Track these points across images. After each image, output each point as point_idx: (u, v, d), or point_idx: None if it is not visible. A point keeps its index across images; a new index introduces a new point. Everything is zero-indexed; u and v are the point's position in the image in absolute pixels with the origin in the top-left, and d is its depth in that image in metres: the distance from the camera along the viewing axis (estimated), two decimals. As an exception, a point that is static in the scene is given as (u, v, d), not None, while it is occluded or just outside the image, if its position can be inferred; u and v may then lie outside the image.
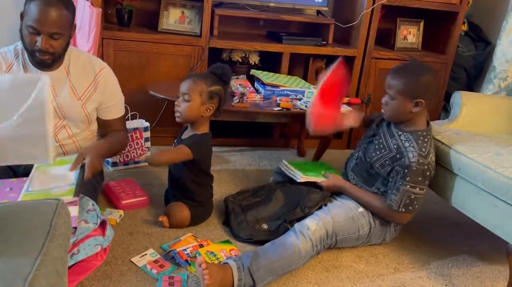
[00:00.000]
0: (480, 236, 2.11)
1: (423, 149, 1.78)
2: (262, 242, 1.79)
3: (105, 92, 1.81)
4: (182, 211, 1.90)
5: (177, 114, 1.88)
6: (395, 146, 1.83)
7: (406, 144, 1.80)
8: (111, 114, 1.88)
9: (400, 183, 1.77)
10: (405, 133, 1.84)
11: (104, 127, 1.90)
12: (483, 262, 1.98)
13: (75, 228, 1.50)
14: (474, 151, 1.83)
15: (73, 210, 1.50)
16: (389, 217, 1.86)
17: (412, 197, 1.77)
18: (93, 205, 1.62)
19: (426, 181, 1.79)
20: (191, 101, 1.84)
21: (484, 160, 1.75)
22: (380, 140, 1.90)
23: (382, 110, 1.91)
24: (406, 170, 1.76)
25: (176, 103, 1.88)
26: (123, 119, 1.95)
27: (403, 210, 1.78)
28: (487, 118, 2.24)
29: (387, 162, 1.83)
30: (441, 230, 2.21)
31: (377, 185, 1.89)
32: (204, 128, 1.93)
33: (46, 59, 1.63)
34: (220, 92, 1.88)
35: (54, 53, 1.63)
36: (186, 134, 1.96)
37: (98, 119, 1.88)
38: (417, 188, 1.77)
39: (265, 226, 1.91)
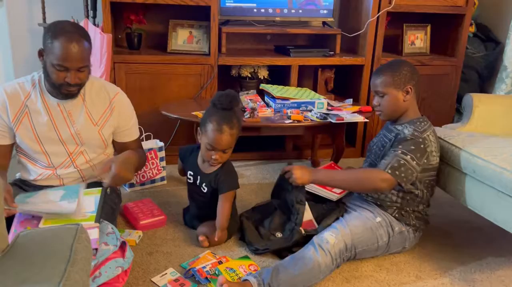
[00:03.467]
0: (502, 238, 2.07)
1: (419, 127, 1.83)
2: (280, 255, 1.80)
3: (120, 116, 1.86)
4: (225, 237, 1.95)
5: (214, 163, 1.88)
6: (394, 135, 1.88)
7: (403, 129, 1.86)
8: (128, 137, 1.93)
9: (392, 151, 1.79)
10: (402, 125, 1.89)
11: (121, 150, 1.93)
12: (507, 265, 1.94)
13: (96, 249, 1.52)
14: (489, 152, 1.81)
15: (94, 233, 1.53)
16: (372, 180, 1.76)
17: (401, 162, 1.75)
18: (112, 228, 1.65)
19: (419, 154, 1.77)
20: (229, 151, 1.89)
21: (500, 162, 1.73)
22: (383, 139, 1.94)
23: (377, 113, 1.95)
24: (400, 141, 1.80)
25: (214, 157, 1.85)
26: (138, 140, 2.00)
27: (389, 171, 1.74)
28: (501, 118, 2.21)
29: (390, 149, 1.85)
30: (462, 234, 2.18)
31: None
32: None
33: (73, 91, 1.69)
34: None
35: (81, 84, 1.70)
36: (206, 167, 1.94)
37: (114, 142, 1.92)
38: (408, 156, 1.76)
39: (279, 235, 1.93)
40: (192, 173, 1.99)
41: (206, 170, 1.94)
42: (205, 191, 1.95)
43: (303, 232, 1.85)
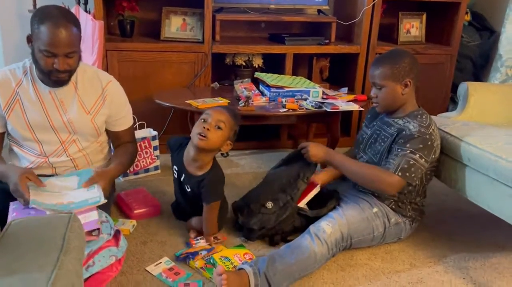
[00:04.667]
0: (495, 226, 2.08)
1: (424, 122, 1.79)
2: (273, 241, 1.82)
3: (113, 105, 1.83)
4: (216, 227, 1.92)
5: (202, 138, 1.75)
6: (396, 130, 1.83)
7: (406, 124, 1.81)
8: (121, 126, 1.90)
9: (399, 149, 1.75)
10: (401, 118, 1.85)
11: (114, 139, 1.92)
12: (501, 253, 1.95)
13: (99, 229, 1.51)
14: (484, 141, 1.81)
15: (93, 214, 1.52)
16: (381, 182, 1.74)
17: (411, 162, 1.72)
18: (106, 217, 1.63)
19: (427, 151, 1.74)
20: (222, 131, 1.78)
21: (495, 150, 1.73)
22: (381, 134, 1.90)
23: (374, 104, 1.92)
24: (407, 139, 1.75)
25: (205, 126, 1.75)
26: (132, 129, 1.97)
27: (399, 174, 1.71)
28: (496, 107, 2.21)
29: (393, 145, 1.82)
30: (456, 222, 2.19)
31: None
32: (210, 163, 1.85)
33: (63, 77, 1.66)
34: (236, 133, 1.86)
35: (71, 70, 1.66)
36: (192, 168, 1.84)
37: (107, 131, 1.90)
38: (417, 155, 1.72)
39: (270, 205, 1.87)
40: (177, 169, 1.91)
41: (192, 171, 1.84)
42: (188, 190, 1.88)
43: (296, 207, 1.85)
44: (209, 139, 1.76)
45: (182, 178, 1.89)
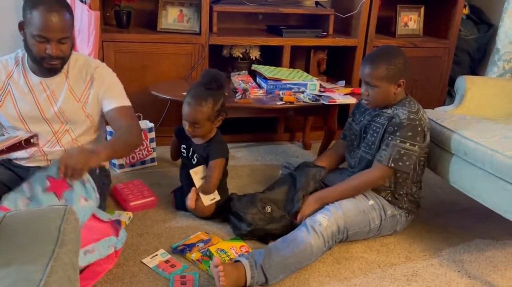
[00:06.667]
0: (490, 220, 2.09)
1: (412, 107, 1.81)
2: (264, 240, 1.83)
3: (103, 84, 1.76)
4: (211, 207, 1.96)
5: (193, 138, 1.99)
6: (386, 118, 1.84)
7: (396, 111, 1.82)
8: (113, 102, 1.77)
9: (390, 139, 1.78)
10: (391, 108, 1.86)
11: (111, 121, 1.80)
12: (495, 247, 1.96)
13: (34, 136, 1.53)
14: (480, 135, 1.82)
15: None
16: (374, 181, 1.82)
17: (402, 152, 1.75)
18: (88, 179, 1.56)
19: (418, 137, 1.77)
20: (202, 127, 1.92)
21: (491, 144, 1.74)
22: (372, 125, 1.89)
23: (364, 101, 1.89)
24: (396, 127, 1.78)
25: (188, 129, 1.93)
26: (129, 110, 1.81)
27: (392, 165, 1.76)
28: (493, 101, 2.22)
29: (386, 135, 1.82)
30: (451, 216, 2.20)
31: None
32: (213, 131, 2.01)
33: (56, 64, 1.64)
34: (223, 103, 1.95)
35: (63, 57, 1.64)
36: (196, 139, 2.01)
37: (105, 115, 1.80)
38: (407, 143, 1.76)
39: (269, 209, 1.88)
40: (185, 147, 2.04)
41: (197, 141, 2.00)
42: (194, 162, 1.99)
43: (293, 221, 1.86)
44: (199, 134, 1.95)
45: (190, 154, 2.02)
